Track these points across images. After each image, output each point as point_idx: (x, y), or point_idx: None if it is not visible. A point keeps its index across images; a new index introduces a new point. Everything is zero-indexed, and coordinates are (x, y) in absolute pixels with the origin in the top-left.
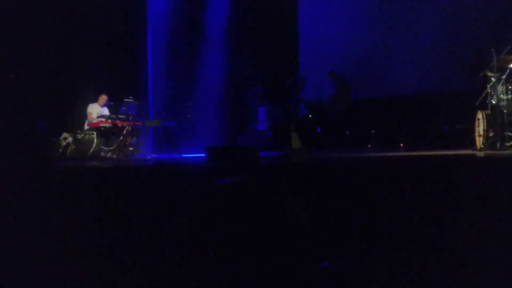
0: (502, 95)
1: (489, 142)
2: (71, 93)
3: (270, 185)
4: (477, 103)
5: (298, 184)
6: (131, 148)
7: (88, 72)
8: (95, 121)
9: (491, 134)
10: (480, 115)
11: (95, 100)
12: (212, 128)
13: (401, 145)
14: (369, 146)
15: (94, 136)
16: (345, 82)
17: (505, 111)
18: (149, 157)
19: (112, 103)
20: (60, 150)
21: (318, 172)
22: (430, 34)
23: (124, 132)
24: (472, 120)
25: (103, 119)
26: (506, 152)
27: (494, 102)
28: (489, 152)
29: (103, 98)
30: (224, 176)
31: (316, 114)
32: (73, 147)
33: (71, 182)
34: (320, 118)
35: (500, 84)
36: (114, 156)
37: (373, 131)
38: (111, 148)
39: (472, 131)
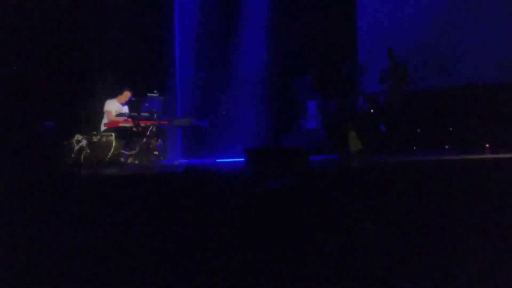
0: None
1: None
2: (85, 88)
3: (323, 192)
4: None
5: (357, 194)
6: (156, 152)
7: (105, 64)
8: (113, 121)
9: None
10: None
11: (113, 95)
12: (252, 127)
13: (487, 145)
14: (446, 147)
15: (113, 138)
16: (403, 66)
17: None
18: (177, 162)
19: (133, 99)
20: (72, 155)
21: (381, 181)
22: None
23: (148, 133)
24: None
25: (123, 118)
26: None
27: None
28: None
29: (127, 94)
30: (268, 180)
31: (379, 108)
32: (88, 151)
33: (86, 193)
34: (384, 113)
35: None
36: (137, 162)
37: (451, 129)
38: (133, 152)
39: None
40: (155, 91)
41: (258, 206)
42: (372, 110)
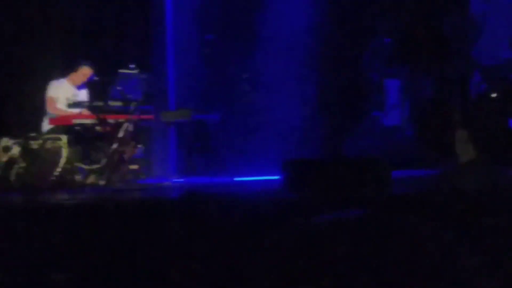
0: None
1: None
2: (16, 62)
3: (416, 234)
4: None
5: (469, 229)
6: (134, 167)
7: (51, 25)
8: (62, 115)
9: None
10: None
11: (63, 74)
12: (293, 125)
13: None
14: None
15: (63, 143)
16: None
17: None
18: (169, 183)
19: (96, 79)
20: None
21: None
22: None
23: (121, 134)
24: None
25: (79, 110)
26: None
27: None
28: None
29: (84, 72)
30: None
31: (508, 91)
32: (23, 165)
33: (19, 236)
34: None
35: None
36: (102, 182)
37: None
38: (96, 166)
39: None
40: (132, 66)
41: (304, 256)
42: (494, 94)
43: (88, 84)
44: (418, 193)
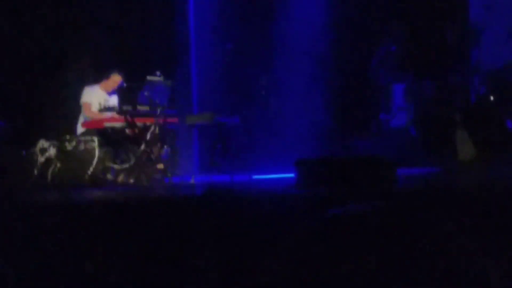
0: None
1: None
2: (52, 70)
3: (420, 226)
4: None
5: (468, 222)
6: (160, 166)
7: (83, 36)
8: (95, 118)
9: None
10: None
11: (95, 80)
12: (306, 126)
13: None
14: None
15: (95, 144)
16: None
17: None
18: (193, 181)
19: (126, 85)
20: (35, 170)
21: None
22: None
23: (148, 136)
24: None
25: (110, 114)
26: None
27: None
28: None
29: (115, 79)
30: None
31: (505, 93)
32: (58, 165)
33: (56, 231)
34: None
35: None
36: (132, 181)
37: None
38: (126, 166)
39: None
40: (158, 73)
41: (317, 247)
42: (492, 97)
43: (118, 90)
44: (421, 189)
